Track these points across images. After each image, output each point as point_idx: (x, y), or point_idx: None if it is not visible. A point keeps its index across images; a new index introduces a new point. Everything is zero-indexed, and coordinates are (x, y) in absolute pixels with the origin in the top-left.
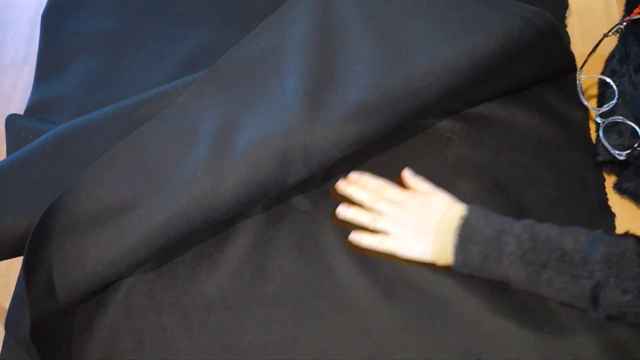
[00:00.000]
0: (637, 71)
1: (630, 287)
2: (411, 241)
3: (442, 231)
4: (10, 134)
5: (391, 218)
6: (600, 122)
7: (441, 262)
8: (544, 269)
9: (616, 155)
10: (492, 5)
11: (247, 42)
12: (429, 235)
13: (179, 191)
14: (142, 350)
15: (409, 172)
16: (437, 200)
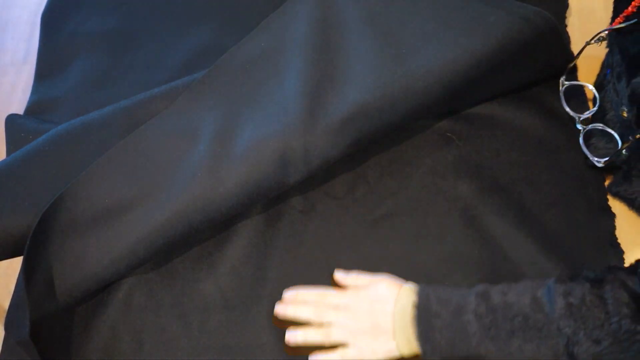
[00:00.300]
0: (619, 79)
1: (600, 336)
2: (372, 344)
3: (399, 325)
4: (10, 134)
5: (343, 327)
6: (581, 129)
7: (409, 354)
8: (512, 339)
9: (595, 162)
10: (492, 5)
11: (247, 42)
12: (388, 332)
13: (178, 191)
14: (141, 350)
15: (340, 273)
16: (382, 290)
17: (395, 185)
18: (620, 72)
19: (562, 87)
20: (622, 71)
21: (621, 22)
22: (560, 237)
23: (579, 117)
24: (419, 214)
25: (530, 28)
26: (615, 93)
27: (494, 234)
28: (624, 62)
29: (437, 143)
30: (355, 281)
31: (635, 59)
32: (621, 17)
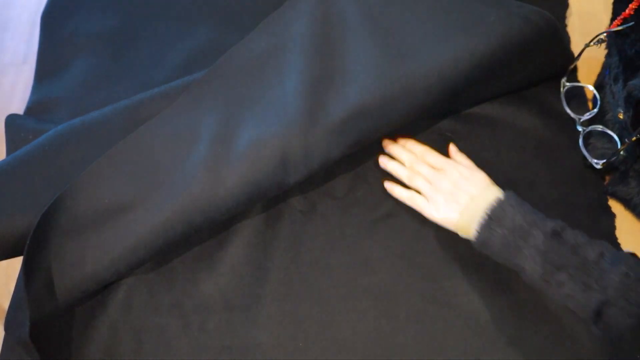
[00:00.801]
0: (616, 81)
1: (634, 313)
2: (440, 204)
3: (473, 205)
4: (10, 134)
5: (428, 179)
6: (581, 130)
7: (462, 233)
8: (560, 271)
9: (593, 164)
10: (492, 5)
11: (247, 42)
12: (459, 205)
13: (179, 191)
14: (141, 350)
15: (454, 148)
16: (477, 176)
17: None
18: (617, 74)
19: (563, 89)
20: (619, 73)
21: (619, 25)
22: None
23: (579, 119)
24: (419, 214)
25: (531, 28)
26: (612, 94)
27: None
28: (621, 64)
29: (437, 143)
30: (462, 160)
31: (632, 61)
32: (619, 20)
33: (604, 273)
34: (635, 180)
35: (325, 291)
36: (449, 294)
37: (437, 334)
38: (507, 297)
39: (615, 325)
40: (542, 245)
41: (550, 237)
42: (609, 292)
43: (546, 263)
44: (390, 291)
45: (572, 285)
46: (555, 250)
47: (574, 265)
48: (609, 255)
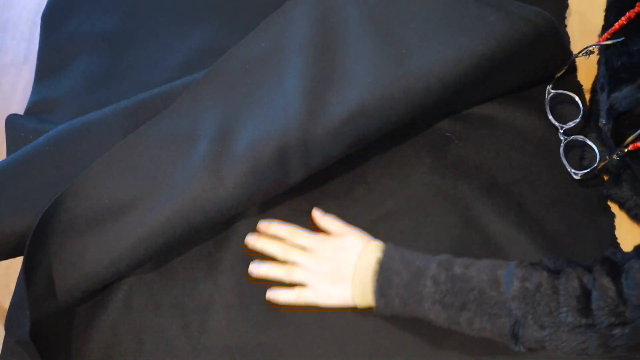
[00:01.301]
0: (602, 90)
1: (546, 323)
2: (329, 289)
3: (359, 276)
4: (10, 134)
5: (305, 268)
6: (562, 140)
7: (362, 305)
8: (463, 310)
9: (572, 175)
10: (492, 6)
11: (247, 42)
12: (347, 280)
13: (178, 191)
14: (141, 350)
15: (318, 212)
16: (350, 242)
17: (395, 185)
18: (603, 84)
19: (548, 95)
20: (604, 83)
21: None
22: (560, 237)
23: (561, 127)
24: (419, 214)
25: (530, 28)
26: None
27: (494, 234)
28: (607, 74)
29: (437, 143)
30: (328, 225)
31: (617, 72)
32: (609, 33)
33: (503, 295)
34: (628, 184)
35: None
36: None
37: (437, 334)
38: None
39: (533, 340)
40: (436, 292)
41: (440, 280)
42: (515, 312)
43: (447, 308)
44: None
45: (480, 319)
46: (450, 292)
47: (473, 300)
48: (501, 273)
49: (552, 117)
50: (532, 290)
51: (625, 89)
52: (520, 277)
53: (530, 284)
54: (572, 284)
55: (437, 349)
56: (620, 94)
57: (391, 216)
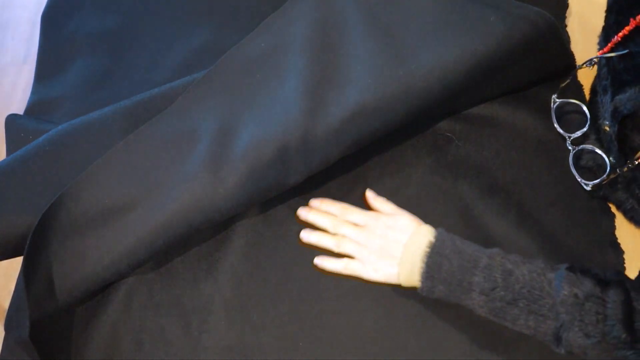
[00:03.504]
0: (605, 92)
1: (592, 332)
2: (376, 263)
3: (409, 255)
4: (10, 134)
5: (355, 241)
6: (571, 149)
7: (407, 284)
8: (511, 307)
9: (583, 186)
10: (492, 6)
11: (247, 42)
12: (395, 258)
13: (179, 191)
14: (141, 350)
15: (372, 193)
16: (402, 222)
17: (395, 185)
18: (606, 85)
19: (553, 105)
20: (607, 84)
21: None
22: (560, 237)
23: (569, 137)
24: (419, 214)
25: (531, 28)
26: (602, 104)
27: (494, 234)
28: (610, 76)
29: (437, 143)
30: (381, 205)
31: (620, 74)
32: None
33: (553, 298)
34: (623, 187)
35: (325, 291)
36: None
37: (437, 334)
38: None
39: (576, 346)
40: (486, 283)
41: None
42: (562, 317)
43: (495, 301)
44: (390, 291)
45: (526, 317)
46: (501, 285)
47: (523, 297)
48: (552, 275)
49: (558, 127)
50: (582, 298)
51: (629, 91)
52: (571, 283)
53: (580, 291)
54: (620, 298)
55: (437, 350)
56: (624, 97)
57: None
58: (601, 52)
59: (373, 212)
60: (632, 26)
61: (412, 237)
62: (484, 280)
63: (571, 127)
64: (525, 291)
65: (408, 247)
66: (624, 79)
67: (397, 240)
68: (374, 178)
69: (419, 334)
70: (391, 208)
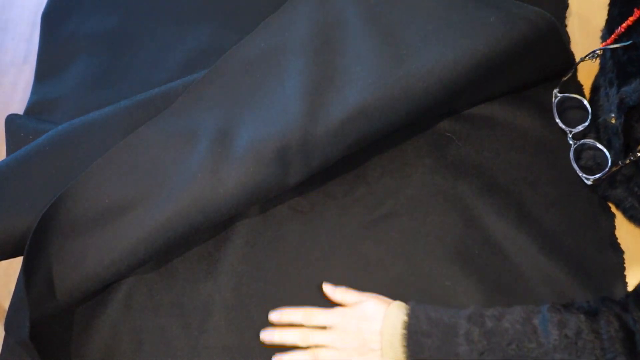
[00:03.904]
0: (611, 84)
1: None
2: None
3: (388, 343)
4: (10, 134)
5: (331, 347)
6: (572, 144)
7: None
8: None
9: (584, 180)
10: (492, 6)
11: (247, 42)
12: (375, 350)
13: (178, 192)
14: (141, 350)
15: (329, 287)
16: (370, 309)
17: (395, 185)
18: (612, 78)
19: (554, 99)
20: (613, 77)
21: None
22: (560, 237)
23: (570, 131)
24: (419, 214)
25: (531, 28)
26: (606, 97)
27: (494, 234)
28: (615, 68)
29: (437, 143)
30: (343, 297)
31: (625, 66)
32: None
33: (544, 346)
34: (623, 185)
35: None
36: (449, 293)
37: None
38: (507, 298)
39: None
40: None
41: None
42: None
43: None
44: (390, 291)
45: None
46: (488, 349)
47: (513, 355)
48: (536, 321)
49: (559, 121)
50: (573, 337)
51: (634, 82)
52: (557, 324)
53: (569, 331)
54: (613, 327)
55: None
56: (630, 88)
57: (391, 216)
58: (604, 44)
59: (337, 308)
60: (636, 16)
61: (385, 323)
62: (469, 349)
63: (572, 122)
64: (514, 346)
65: (384, 334)
66: (628, 70)
67: (371, 330)
68: (374, 178)
69: None
70: (354, 296)
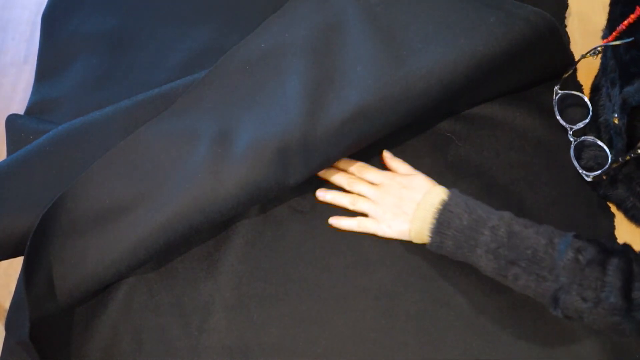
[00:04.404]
0: (613, 84)
1: (589, 296)
2: (389, 220)
3: (420, 212)
4: (10, 134)
5: (370, 199)
6: (572, 141)
7: (418, 241)
8: (513, 266)
9: (584, 177)
10: (492, 6)
11: (247, 42)
12: (407, 215)
13: (179, 192)
14: (141, 350)
15: (389, 154)
16: (417, 182)
17: None
18: (614, 78)
19: (555, 96)
20: (616, 77)
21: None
22: None
23: (571, 128)
24: None
25: (531, 29)
26: (608, 98)
27: None
28: (617, 68)
29: (437, 143)
30: (398, 166)
31: (627, 66)
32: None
33: (555, 261)
34: (624, 184)
35: (325, 291)
36: (448, 294)
37: (437, 334)
38: (507, 297)
39: (572, 309)
40: (492, 242)
41: (499, 232)
42: (562, 280)
43: (499, 259)
44: (390, 291)
45: (526, 277)
46: (506, 245)
47: (526, 258)
48: (558, 240)
49: (560, 119)
50: (584, 263)
51: (636, 82)
52: (576, 249)
53: (582, 257)
54: (621, 266)
55: (437, 349)
56: (633, 88)
57: None
58: (606, 41)
59: (389, 172)
60: (638, 14)
61: (425, 196)
62: (490, 239)
63: (572, 119)
64: (529, 252)
65: (420, 204)
66: (631, 71)
67: (411, 198)
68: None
69: (419, 333)
70: (407, 169)
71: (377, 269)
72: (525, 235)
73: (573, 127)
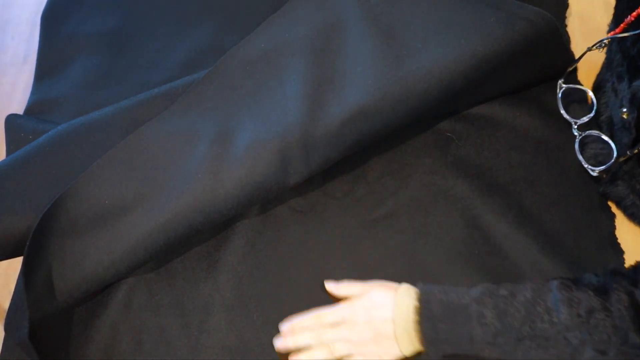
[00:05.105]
0: (620, 79)
1: (606, 348)
2: (377, 351)
3: (401, 330)
4: (10, 134)
5: (346, 341)
6: (577, 135)
7: (412, 354)
8: (519, 346)
9: (589, 171)
10: (492, 6)
11: (247, 42)
12: (390, 337)
13: (179, 192)
14: (141, 350)
15: (331, 284)
16: (378, 297)
17: (395, 185)
18: (622, 72)
19: (559, 90)
20: (623, 72)
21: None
22: (560, 237)
23: (575, 123)
24: (419, 214)
25: (531, 29)
26: (614, 92)
27: (494, 234)
28: (625, 62)
29: (437, 143)
30: (347, 291)
31: (634, 60)
32: (625, 24)
33: (556, 326)
34: (625, 182)
35: (324, 292)
36: None
37: None
38: None
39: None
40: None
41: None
42: (572, 341)
43: (501, 346)
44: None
45: (535, 351)
46: (501, 332)
47: (526, 335)
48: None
49: (565, 113)
50: (585, 316)
51: None
52: (568, 303)
53: (581, 310)
54: (623, 304)
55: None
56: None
57: (391, 216)
58: (613, 33)
59: (344, 302)
60: None
61: (396, 310)
62: (482, 332)
63: (576, 114)
64: (527, 327)
65: (396, 321)
66: (638, 64)
67: (383, 318)
68: (374, 178)
69: None
70: (359, 287)
71: (377, 269)
72: (514, 310)
73: (577, 121)
